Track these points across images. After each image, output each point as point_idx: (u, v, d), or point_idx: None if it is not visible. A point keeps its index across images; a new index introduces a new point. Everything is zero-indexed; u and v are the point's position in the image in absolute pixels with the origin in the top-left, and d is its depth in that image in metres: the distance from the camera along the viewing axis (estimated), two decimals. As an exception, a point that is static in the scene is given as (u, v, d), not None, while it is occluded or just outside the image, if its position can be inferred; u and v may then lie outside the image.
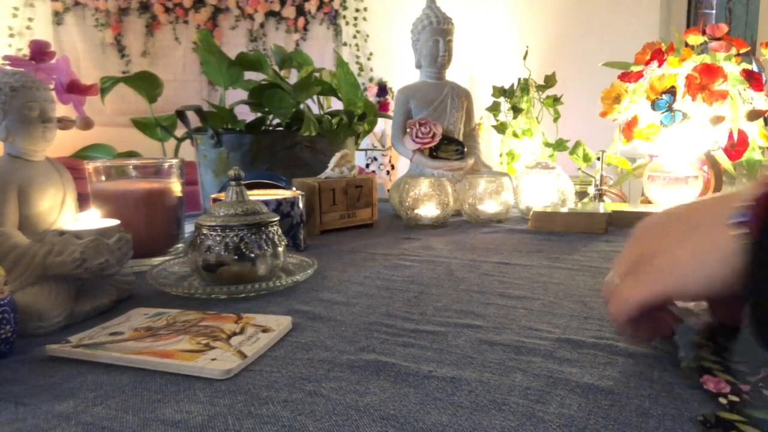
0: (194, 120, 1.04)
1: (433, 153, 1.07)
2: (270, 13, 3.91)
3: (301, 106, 1.02)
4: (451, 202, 0.95)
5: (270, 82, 1.06)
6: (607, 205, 1.00)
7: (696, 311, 0.42)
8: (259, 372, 0.38)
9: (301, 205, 0.77)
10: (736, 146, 1.02)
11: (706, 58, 1.04)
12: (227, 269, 0.55)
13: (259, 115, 1.08)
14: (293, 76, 1.19)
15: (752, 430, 0.28)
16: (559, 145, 1.25)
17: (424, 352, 0.40)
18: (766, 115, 1.02)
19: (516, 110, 1.27)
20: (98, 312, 0.50)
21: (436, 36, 1.08)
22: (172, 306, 0.51)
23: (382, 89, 3.60)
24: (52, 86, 0.62)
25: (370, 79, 3.82)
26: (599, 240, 0.81)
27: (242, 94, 1.08)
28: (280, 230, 0.59)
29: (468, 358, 0.39)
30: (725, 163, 1.04)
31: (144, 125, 1.10)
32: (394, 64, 3.58)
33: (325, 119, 1.07)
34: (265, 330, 0.44)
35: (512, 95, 1.28)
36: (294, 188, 0.87)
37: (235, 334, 0.43)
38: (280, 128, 1.07)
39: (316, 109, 1.16)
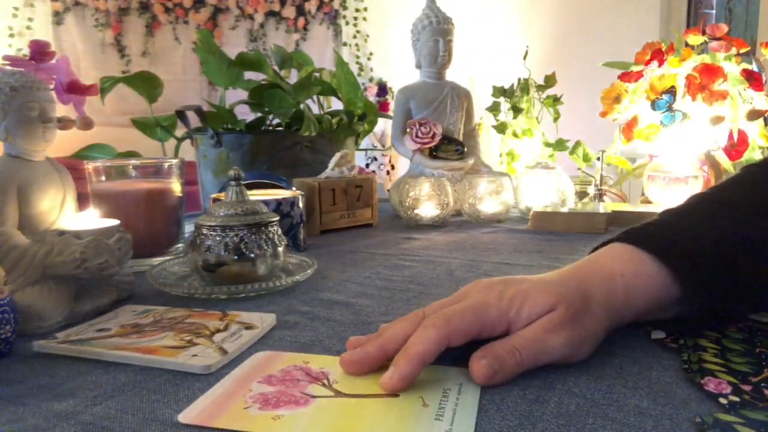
0: (194, 120, 1.04)
1: (433, 153, 1.07)
2: (270, 13, 3.91)
3: (301, 106, 1.02)
4: (451, 202, 0.95)
5: (270, 82, 1.07)
6: (607, 205, 1.00)
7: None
8: (258, 372, 0.38)
9: (301, 205, 0.77)
10: (736, 146, 1.02)
11: (706, 58, 1.04)
12: (227, 269, 0.55)
13: (259, 115, 1.08)
14: (293, 76, 1.19)
15: None
16: (559, 145, 1.25)
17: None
18: (766, 115, 1.02)
19: (516, 110, 1.27)
20: (98, 312, 0.50)
21: (436, 36, 1.08)
22: (171, 306, 0.51)
23: (382, 89, 3.60)
24: (52, 86, 0.62)
25: (370, 79, 3.82)
26: (599, 240, 0.81)
27: (242, 94, 1.08)
28: (280, 230, 0.59)
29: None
30: (725, 163, 1.04)
31: (144, 125, 1.10)
32: (394, 64, 3.57)
33: (325, 119, 1.07)
34: (248, 327, 0.45)
35: (512, 95, 1.28)
36: (294, 188, 0.87)
37: (218, 331, 0.44)
38: (280, 128, 1.07)
39: (316, 109, 1.16)
